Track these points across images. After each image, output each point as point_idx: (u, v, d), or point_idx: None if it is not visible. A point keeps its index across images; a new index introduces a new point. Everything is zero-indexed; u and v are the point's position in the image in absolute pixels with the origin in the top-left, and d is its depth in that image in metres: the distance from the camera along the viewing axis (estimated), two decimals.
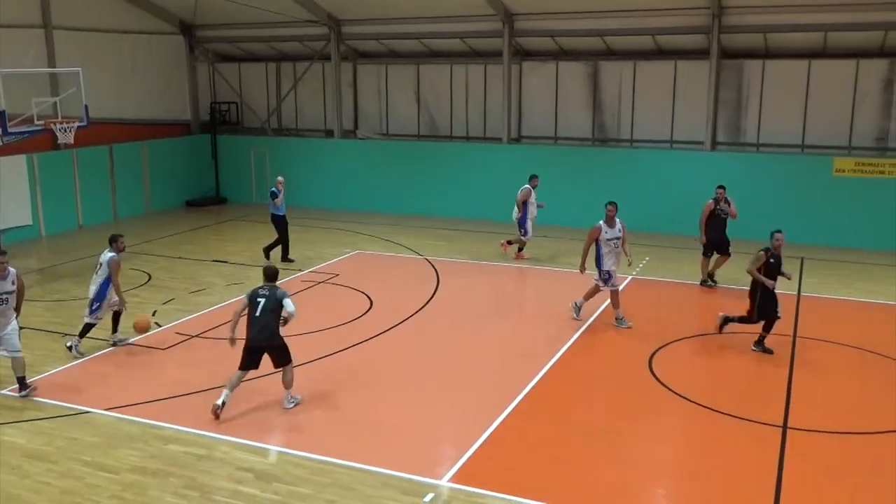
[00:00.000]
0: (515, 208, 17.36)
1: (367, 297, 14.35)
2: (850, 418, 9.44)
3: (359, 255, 17.92)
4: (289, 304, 9.39)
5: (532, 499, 7.58)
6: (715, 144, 20.59)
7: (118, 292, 11.54)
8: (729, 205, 15.22)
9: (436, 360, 11.45)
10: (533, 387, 10.32)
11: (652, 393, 10.24)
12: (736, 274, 14.78)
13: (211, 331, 12.47)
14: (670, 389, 10.25)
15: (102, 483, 7.92)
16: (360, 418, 9.42)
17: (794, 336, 12.34)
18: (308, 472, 8.11)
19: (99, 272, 11.48)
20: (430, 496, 7.64)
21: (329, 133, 24.95)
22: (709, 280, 15.26)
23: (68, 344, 11.47)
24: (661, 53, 21.19)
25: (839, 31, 18.57)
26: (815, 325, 12.83)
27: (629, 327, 12.66)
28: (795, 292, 14.63)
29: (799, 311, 13.67)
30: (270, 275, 9.80)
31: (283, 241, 17.13)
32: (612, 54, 21.67)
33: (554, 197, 20.70)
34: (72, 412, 9.56)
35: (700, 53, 20.27)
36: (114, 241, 11.56)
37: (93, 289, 11.48)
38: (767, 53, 20.18)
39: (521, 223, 17.29)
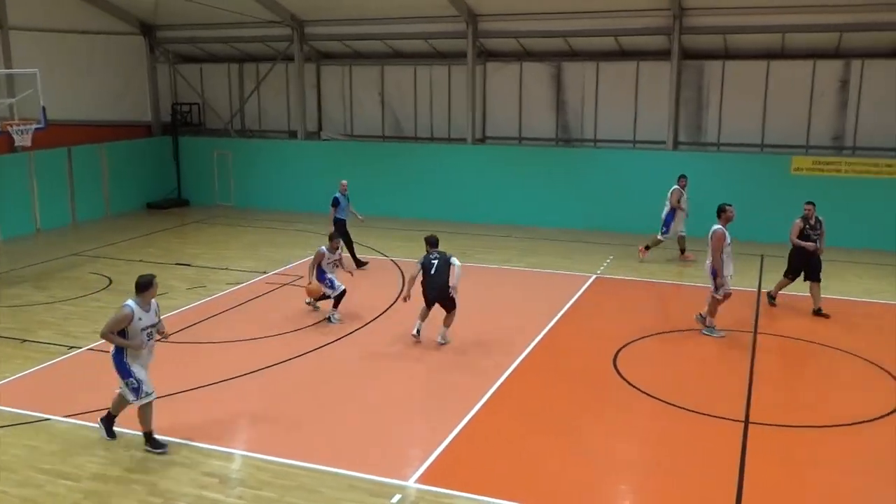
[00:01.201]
0: (667, 204, 17.23)
1: (332, 299, 14.28)
2: (809, 412, 9.61)
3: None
4: (456, 262, 11.68)
5: (500, 498, 7.60)
6: (677, 144, 20.85)
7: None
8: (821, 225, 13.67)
9: (402, 360, 11.44)
10: (499, 386, 10.35)
11: (616, 390, 10.33)
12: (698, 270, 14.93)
13: (174, 335, 12.31)
14: (634, 387, 10.35)
15: (62, 491, 7.78)
16: (325, 420, 9.38)
17: (755, 332, 12.54)
18: (272, 475, 8.05)
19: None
20: (397, 497, 7.62)
21: (293, 134, 24.80)
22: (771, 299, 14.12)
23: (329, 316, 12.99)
24: (623, 54, 21.39)
25: (796, 32, 18.91)
26: (774, 321, 13.05)
27: (722, 336, 12.27)
28: (756, 289, 14.86)
29: (759, 307, 13.88)
30: (435, 241, 12.00)
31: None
32: (575, 55, 21.83)
33: (519, 197, 20.85)
34: (30, 419, 9.38)
35: (661, 54, 20.51)
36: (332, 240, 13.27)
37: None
38: (727, 54, 20.47)
39: (666, 221, 17.17)
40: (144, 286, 8.48)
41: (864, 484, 8.01)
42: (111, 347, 8.43)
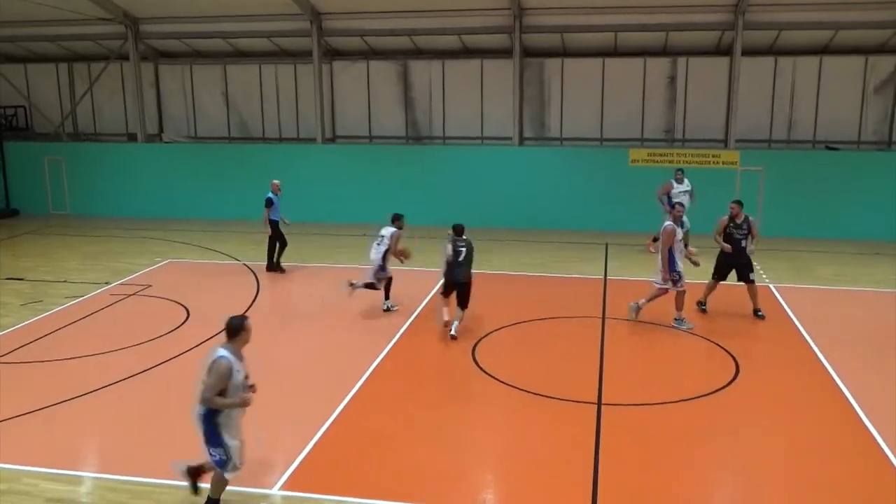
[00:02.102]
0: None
1: (184, 307, 13.75)
2: (657, 390, 10.18)
3: (171, 264, 17.12)
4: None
5: (367, 497, 7.58)
6: (522, 139, 21.50)
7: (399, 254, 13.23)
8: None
9: (260, 366, 11.13)
10: (360, 386, 10.31)
11: (476, 381, 10.54)
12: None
13: (9, 354, 11.45)
14: (493, 377, 10.59)
15: None
16: (181, 434, 9.01)
17: (604, 317, 13.15)
18: (127, 496, 7.65)
19: (381, 244, 13.24)
20: None
21: (132, 137, 23.64)
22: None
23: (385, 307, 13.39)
24: (468, 52, 21.82)
25: (628, 31, 19.95)
26: (621, 306, 13.72)
27: (691, 329, 12.52)
28: (602, 276, 15.57)
29: (606, 293, 14.56)
30: (461, 229, 12.40)
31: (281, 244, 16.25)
32: (421, 53, 22.06)
33: (371, 195, 20.84)
34: None
35: (504, 52, 21.09)
36: (398, 219, 13.45)
37: (375, 258, 13.23)
38: (565, 52, 21.32)
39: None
40: (238, 329, 7.02)
41: (712, 453, 8.59)
42: (198, 407, 6.90)
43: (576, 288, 14.90)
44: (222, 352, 6.92)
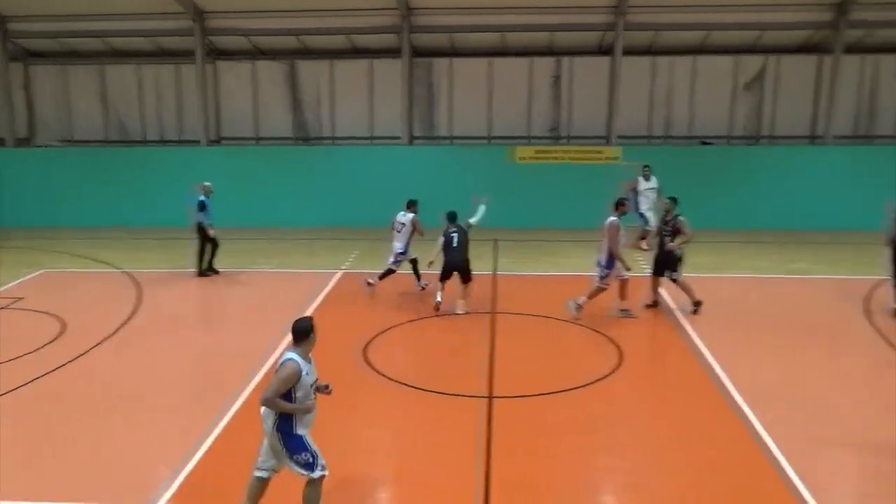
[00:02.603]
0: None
1: (60, 319, 13.09)
2: (546, 380, 10.37)
3: (45, 274, 16.28)
4: (472, 221, 13.31)
5: None
6: (412, 139, 21.55)
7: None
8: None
9: (142, 378, 10.74)
10: (248, 396, 10.06)
11: (367, 381, 10.47)
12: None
13: None
14: (384, 375, 10.55)
15: None
16: (57, 452, 8.57)
17: (493, 312, 13.32)
18: None
19: (402, 231, 14.04)
20: None
21: (0, 142, 22.37)
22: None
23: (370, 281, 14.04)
24: (356, 52, 21.71)
25: (515, 31, 20.30)
26: (509, 300, 13.93)
27: (635, 318, 12.94)
28: (491, 272, 15.77)
29: (497, 288, 14.75)
30: (454, 216, 13.38)
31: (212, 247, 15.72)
32: (309, 53, 21.79)
33: (259, 198, 20.46)
34: None
35: (393, 52, 21.08)
36: (412, 205, 14.22)
37: (398, 245, 14.14)
38: (454, 52, 21.49)
39: (639, 211, 17.80)
40: (305, 331, 6.79)
41: (598, 439, 8.81)
42: (270, 419, 6.62)
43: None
44: (290, 354, 6.66)
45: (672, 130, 21.58)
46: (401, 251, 14.25)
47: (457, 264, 13.17)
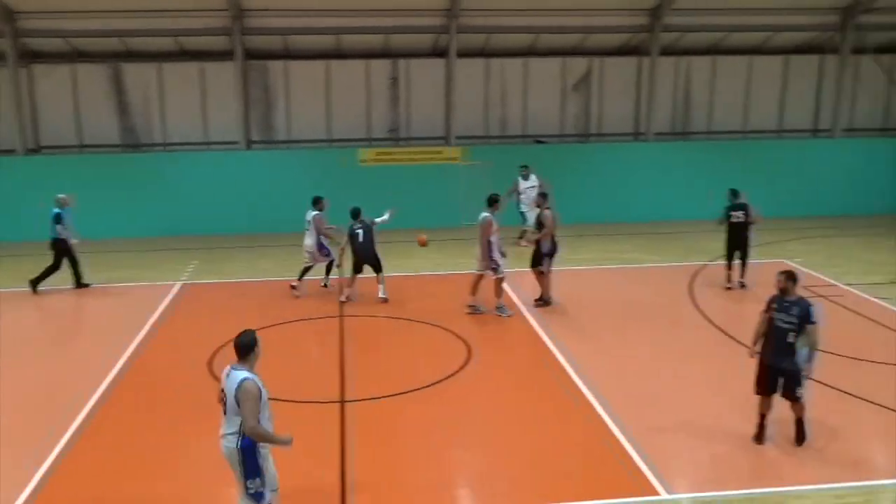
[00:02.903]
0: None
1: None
2: (398, 381, 10.45)
3: None
4: (378, 220, 14.05)
5: None
6: (250, 143, 21.05)
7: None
8: None
9: None
10: (86, 417, 9.48)
11: (214, 395, 10.13)
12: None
13: None
14: None
15: None
16: None
17: (341, 315, 13.25)
18: None
19: (309, 229, 14.25)
20: None
21: None
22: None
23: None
24: (186, 55, 20.90)
25: (349, 34, 20.26)
26: (356, 303, 13.90)
27: (510, 315, 13.11)
28: (336, 276, 15.69)
29: (343, 292, 14.67)
30: (357, 212, 13.99)
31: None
32: (134, 56, 20.75)
33: (83, 210, 19.24)
34: None
35: (225, 55, 20.46)
36: (317, 202, 14.44)
37: (307, 243, 14.37)
38: (289, 55, 21.16)
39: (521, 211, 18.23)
40: (249, 345, 6.39)
41: (451, 434, 8.97)
42: (234, 438, 6.31)
43: (314, 290, 14.86)
44: (243, 373, 6.29)
45: (507, 130, 22.27)
46: (309, 250, 14.44)
47: (366, 257, 13.85)
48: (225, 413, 6.44)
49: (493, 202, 13.11)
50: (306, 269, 14.50)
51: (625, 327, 12.80)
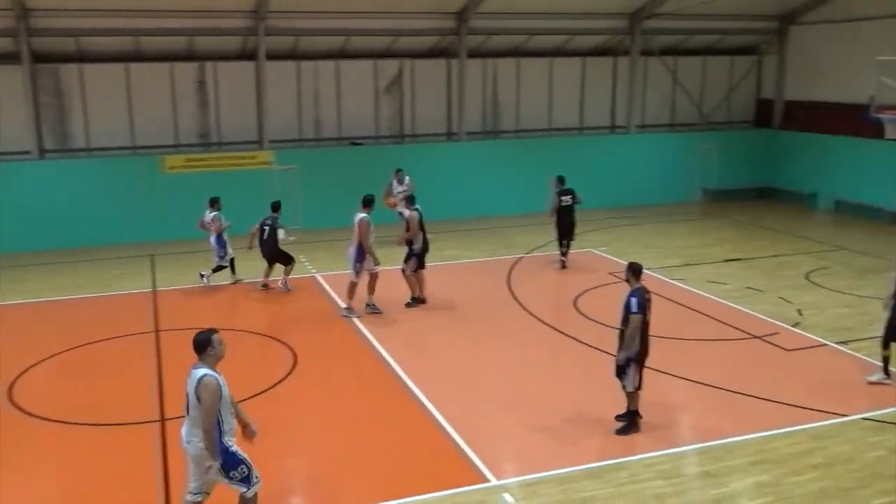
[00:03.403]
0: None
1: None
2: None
3: None
4: (281, 233, 14.47)
5: None
6: (43, 153, 19.54)
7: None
8: None
9: None
10: None
11: (18, 426, 9.35)
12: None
13: None
14: (38, 416, 9.51)
15: None
16: None
17: (157, 330, 12.63)
18: None
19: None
20: None
21: None
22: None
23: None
24: None
25: (149, 35, 19.31)
26: (174, 316, 13.32)
27: (359, 316, 13.17)
28: (150, 289, 14.94)
29: (158, 305, 14.00)
30: (277, 205, 14.67)
31: None
32: None
33: None
34: None
35: (11, 58, 18.85)
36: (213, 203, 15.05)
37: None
38: (83, 58, 19.84)
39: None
40: (204, 343, 6.49)
41: (282, 442, 8.79)
42: (196, 437, 6.36)
43: (123, 305, 14.07)
44: (203, 370, 6.38)
45: (322, 132, 22.09)
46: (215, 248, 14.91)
47: (268, 253, 14.54)
48: (188, 413, 6.47)
49: (368, 203, 13.17)
50: (219, 268, 15.02)
51: (447, 323, 13.11)
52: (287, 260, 14.75)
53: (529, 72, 23.55)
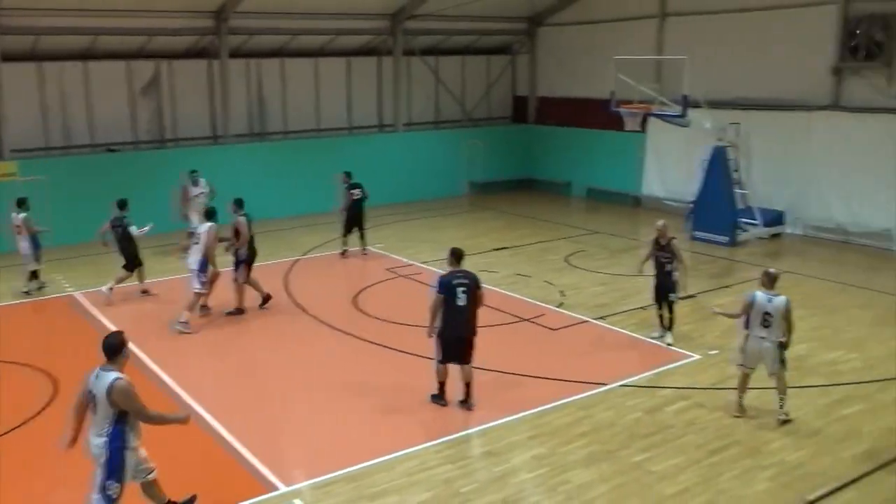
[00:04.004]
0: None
1: None
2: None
3: None
4: (134, 230, 14.05)
5: None
6: None
7: None
8: None
9: None
10: None
11: None
12: None
13: None
14: None
15: None
16: None
17: None
18: None
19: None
20: None
21: None
22: None
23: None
24: None
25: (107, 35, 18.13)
26: None
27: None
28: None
29: None
30: (123, 203, 14.26)
31: None
32: None
33: None
34: None
35: None
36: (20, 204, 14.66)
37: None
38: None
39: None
40: (120, 346, 6.71)
41: (56, 476, 8.06)
42: (103, 435, 6.53)
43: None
44: (113, 374, 6.54)
45: (73, 139, 20.41)
46: (24, 252, 14.49)
47: (123, 253, 14.19)
48: (95, 413, 6.58)
49: (211, 214, 13.15)
50: (33, 273, 14.69)
51: (225, 331, 12.69)
52: (133, 266, 14.34)
53: (295, 72, 23.34)
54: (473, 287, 9.42)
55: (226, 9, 20.36)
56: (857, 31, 17.75)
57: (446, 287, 9.32)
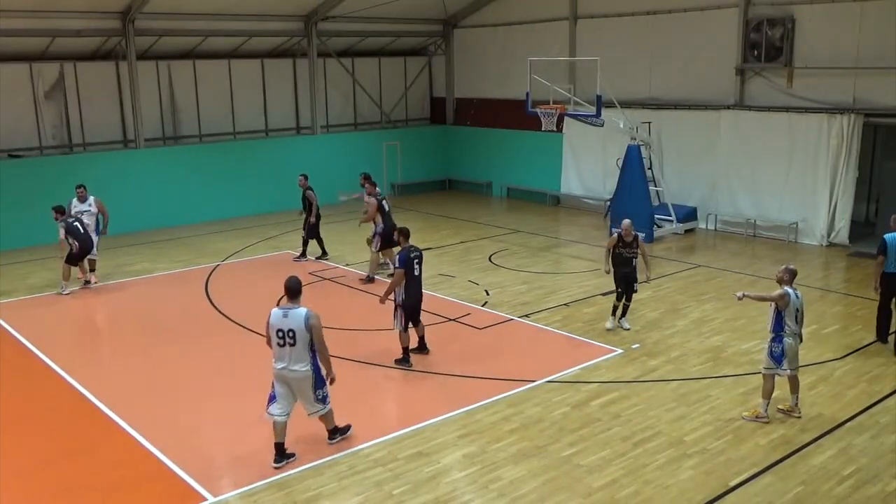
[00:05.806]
0: None
1: None
2: None
3: None
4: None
5: None
6: None
7: None
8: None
9: None
10: None
11: None
12: None
13: None
14: None
15: None
16: None
17: None
18: None
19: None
20: None
21: None
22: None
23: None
24: None
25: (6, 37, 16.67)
26: None
27: None
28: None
29: None
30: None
31: None
32: None
33: None
34: None
35: None
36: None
37: None
38: None
39: None
40: (300, 287, 8.21)
41: None
42: (307, 362, 8.06)
43: None
44: (303, 308, 8.02)
45: None
46: None
47: (88, 249, 14.73)
48: (294, 345, 7.92)
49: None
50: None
51: (146, 342, 12.29)
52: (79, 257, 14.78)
53: (207, 74, 22.79)
54: (422, 259, 11.10)
55: (132, 10, 19.72)
56: (758, 33, 18.50)
57: (406, 262, 10.66)
